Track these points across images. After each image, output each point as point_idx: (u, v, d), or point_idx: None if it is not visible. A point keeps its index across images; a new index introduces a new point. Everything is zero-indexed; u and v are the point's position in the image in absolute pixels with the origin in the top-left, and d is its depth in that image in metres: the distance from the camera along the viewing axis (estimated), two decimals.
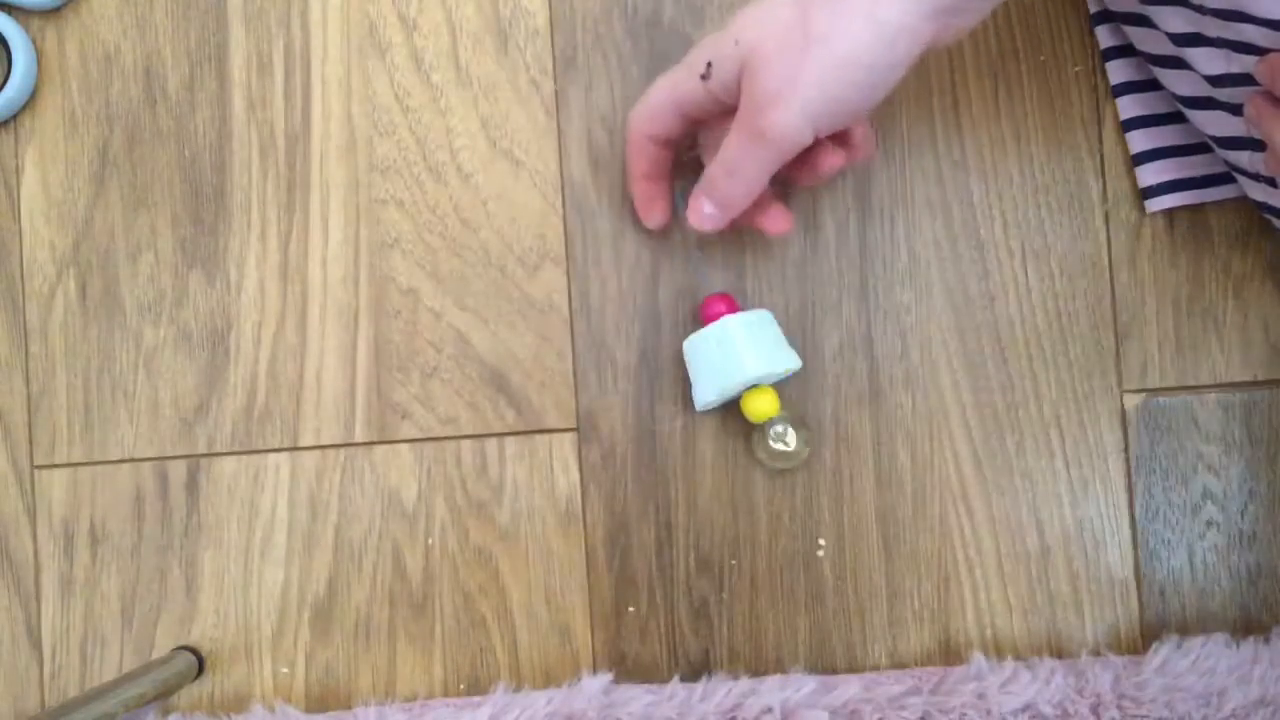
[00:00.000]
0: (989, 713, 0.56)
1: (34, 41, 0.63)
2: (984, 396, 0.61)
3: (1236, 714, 0.55)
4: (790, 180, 0.55)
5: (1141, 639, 0.60)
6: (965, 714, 0.56)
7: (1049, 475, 0.61)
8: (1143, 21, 0.54)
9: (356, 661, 0.61)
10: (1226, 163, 0.56)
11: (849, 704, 0.57)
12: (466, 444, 0.61)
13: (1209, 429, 0.61)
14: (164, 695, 0.58)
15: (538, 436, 0.61)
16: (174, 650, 0.61)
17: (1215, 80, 0.49)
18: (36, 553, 0.62)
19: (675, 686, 0.58)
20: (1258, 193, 0.55)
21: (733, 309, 0.56)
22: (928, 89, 0.61)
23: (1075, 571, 0.61)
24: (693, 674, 0.60)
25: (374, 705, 0.59)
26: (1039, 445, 0.61)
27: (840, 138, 0.53)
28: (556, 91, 0.62)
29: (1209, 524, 0.61)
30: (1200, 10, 0.46)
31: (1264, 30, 0.44)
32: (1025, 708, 0.56)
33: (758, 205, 0.55)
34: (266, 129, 0.62)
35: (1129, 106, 0.60)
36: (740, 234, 0.61)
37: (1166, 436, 0.61)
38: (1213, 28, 0.47)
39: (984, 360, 0.61)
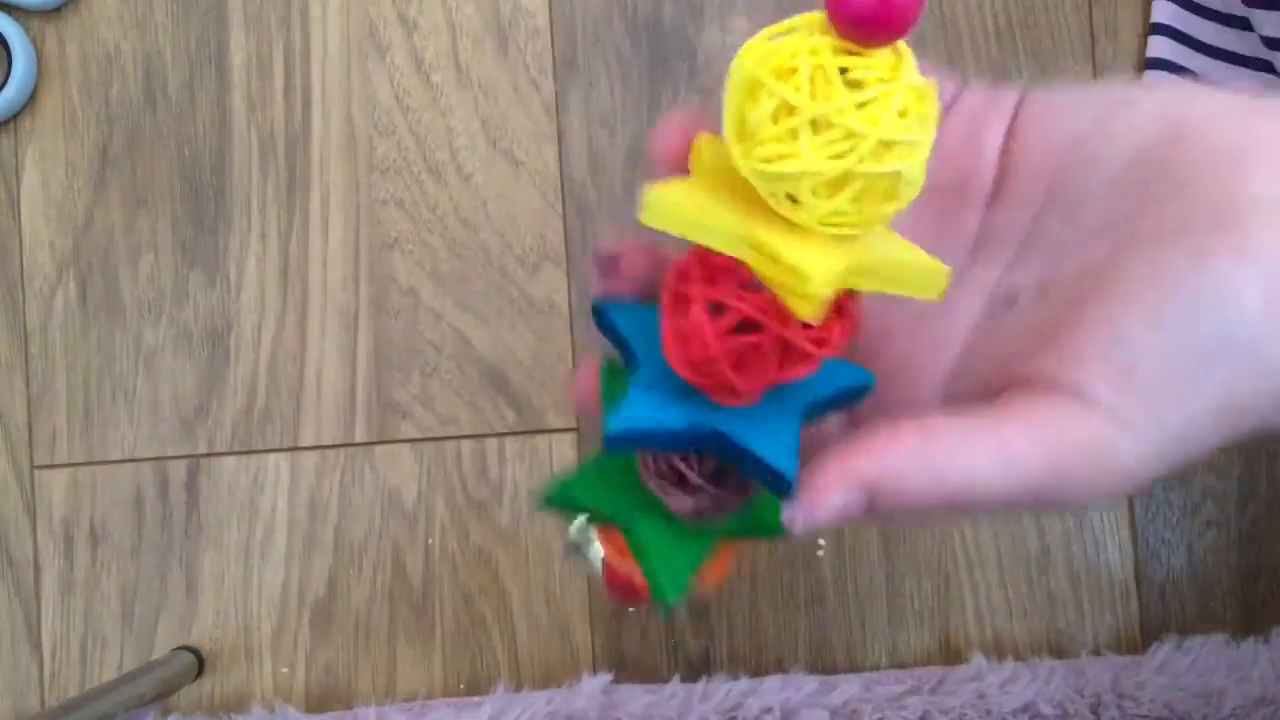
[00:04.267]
0: (989, 713, 0.56)
1: (34, 41, 0.63)
2: None
3: (1236, 714, 0.55)
4: None
5: (1141, 639, 0.60)
6: (965, 714, 0.56)
7: None
8: None
9: (356, 661, 0.61)
10: None
11: (849, 704, 0.57)
12: (466, 444, 0.61)
13: None
14: (164, 695, 0.58)
15: (538, 436, 0.61)
16: (174, 650, 0.61)
17: None
18: (36, 553, 0.62)
19: (675, 686, 0.58)
20: None
21: None
22: None
23: (1075, 571, 0.61)
24: (693, 674, 0.60)
25: (374, 705, 0.59)
26: None
27: None
28: (556, 92, 0.62)
29: (1209, 524, 0.61)
30: None
31: None
32: (1025, 707, 0.56)
33: None
34: (266, 129, 0.62)
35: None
36: None
37: None
38: None
39: None
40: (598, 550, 0.25)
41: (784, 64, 0.20)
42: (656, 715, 0.57)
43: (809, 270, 0.19)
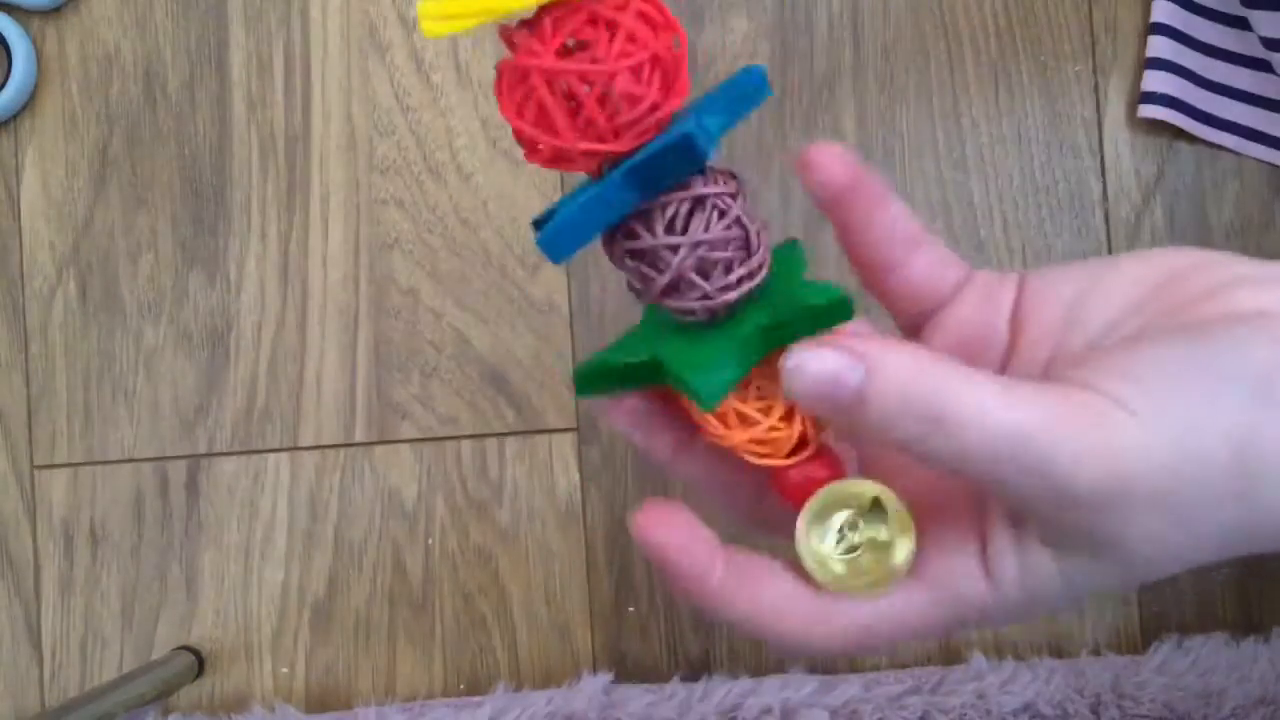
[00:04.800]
0: (989, 713, 0.56)
1: (34, 41, 0.63)
2: None
3: (1236, 713, 0.55)
4: None
5: (1141, 639, 0.60)
6: (965, 714, 0.56)
7: None
8: None
9: (356, 661, 0.61)
10: None
11: (849, 704, 0.57)
12: (466, 444, 0.61)
13: None
14: (164, 695, 0.58)
15: (538, 436, 0.61)
16: (174, 650, 0.61)
17: None
18: (36, 553, 0.62)
19: (675, 686, 0.58)
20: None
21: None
22: (928, 89, 0.61)
23: None
24: (693, 674, 0.60)
25: (374, 705, 0.59)
26: None
27: None
28: None
29: None
30: None
31: None
32: (1025, 707, 0.56)
33: None
34: (266, 129, 0.62)
35: (1163, 11, 0.61)
36: None
37: None
38: None
39: None
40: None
41: None
42: (656, 715, 0.57)
43: None
